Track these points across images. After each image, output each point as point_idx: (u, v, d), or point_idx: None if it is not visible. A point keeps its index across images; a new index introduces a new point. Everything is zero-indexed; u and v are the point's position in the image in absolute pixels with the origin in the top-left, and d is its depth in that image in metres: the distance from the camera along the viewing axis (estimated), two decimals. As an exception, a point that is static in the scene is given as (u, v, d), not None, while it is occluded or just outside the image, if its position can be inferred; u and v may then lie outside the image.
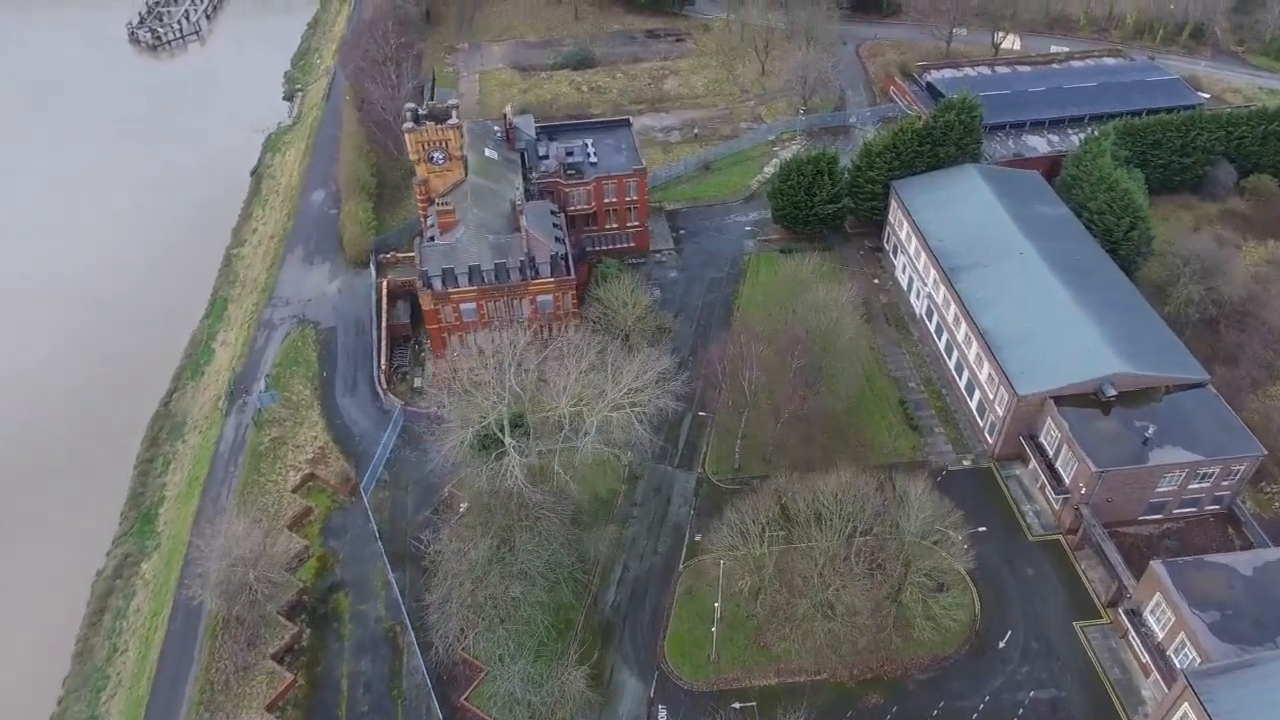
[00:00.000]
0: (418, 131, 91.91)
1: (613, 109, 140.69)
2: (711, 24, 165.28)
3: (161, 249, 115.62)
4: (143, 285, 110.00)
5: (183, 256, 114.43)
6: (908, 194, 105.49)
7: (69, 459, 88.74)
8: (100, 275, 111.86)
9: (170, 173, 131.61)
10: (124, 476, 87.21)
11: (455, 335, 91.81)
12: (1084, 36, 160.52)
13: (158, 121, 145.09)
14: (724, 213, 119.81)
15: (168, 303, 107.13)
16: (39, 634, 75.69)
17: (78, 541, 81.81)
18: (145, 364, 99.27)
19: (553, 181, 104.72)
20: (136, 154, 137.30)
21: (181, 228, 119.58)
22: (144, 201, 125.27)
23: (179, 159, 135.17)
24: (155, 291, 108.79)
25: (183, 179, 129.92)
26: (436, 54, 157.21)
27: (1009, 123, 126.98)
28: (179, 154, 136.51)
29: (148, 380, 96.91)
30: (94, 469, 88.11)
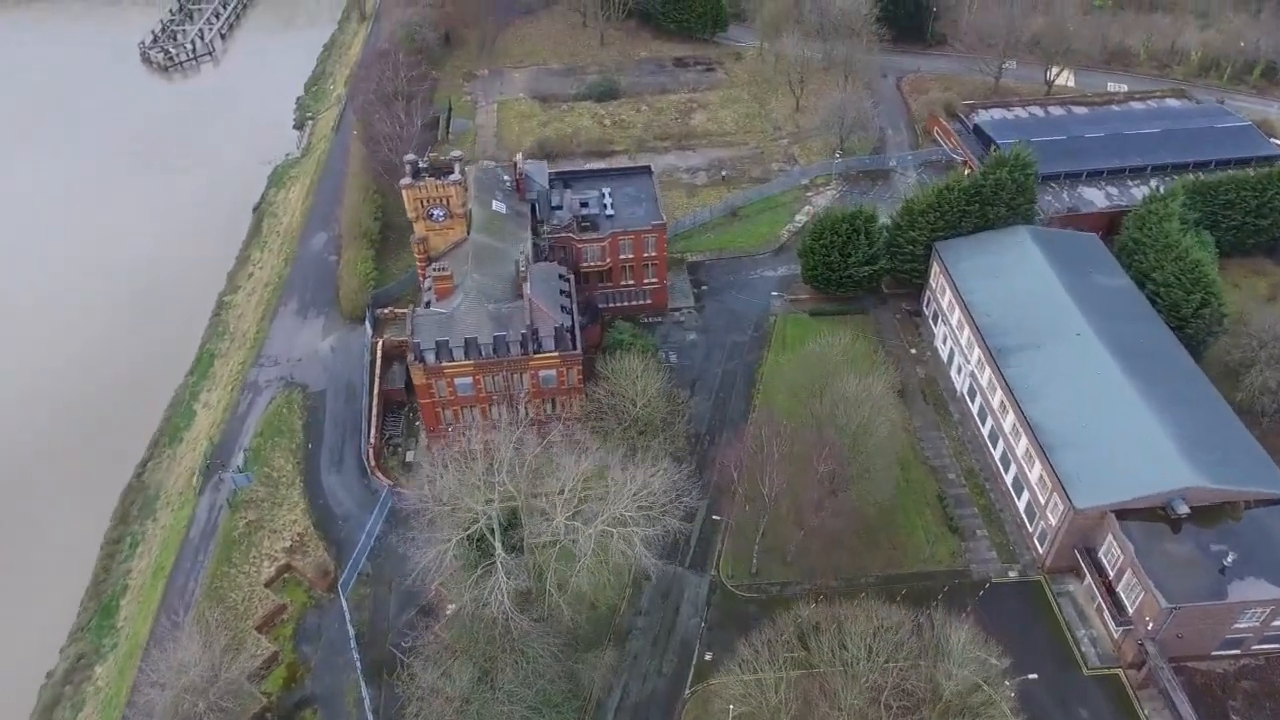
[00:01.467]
0: (416, 188, 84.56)
1: (636, 145, 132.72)
2: (744, 52, 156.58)
3: (153, 289, 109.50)
4: (129, 330, 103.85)
5: (174, 299, 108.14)
6: (952, 258, 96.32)
7: (34, 531, 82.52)
8: (84, 317, 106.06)
9: (171, 203, 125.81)
10: (90, 555, 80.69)
11: (450, 410, 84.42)
12: (1144, 73, 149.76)
13: (163, 147, 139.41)
14: (750, 266, 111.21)
15: (153, 352, 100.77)
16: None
17: (34, 630, 75.39)
18: (124, 422, 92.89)
19: (565, 237, 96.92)
20: (137, 182, 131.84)
21: (176, 266, 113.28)
22: (140, 235, 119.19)
23: (181, 189, 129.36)
24: (141, 339, 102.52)
25: (183, 211, 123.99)
26: (455, 80, 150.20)
27: (1064, 173, 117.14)
28: (181, 184, 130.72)
29: (124, 443, 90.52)
30: (60, 545, 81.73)
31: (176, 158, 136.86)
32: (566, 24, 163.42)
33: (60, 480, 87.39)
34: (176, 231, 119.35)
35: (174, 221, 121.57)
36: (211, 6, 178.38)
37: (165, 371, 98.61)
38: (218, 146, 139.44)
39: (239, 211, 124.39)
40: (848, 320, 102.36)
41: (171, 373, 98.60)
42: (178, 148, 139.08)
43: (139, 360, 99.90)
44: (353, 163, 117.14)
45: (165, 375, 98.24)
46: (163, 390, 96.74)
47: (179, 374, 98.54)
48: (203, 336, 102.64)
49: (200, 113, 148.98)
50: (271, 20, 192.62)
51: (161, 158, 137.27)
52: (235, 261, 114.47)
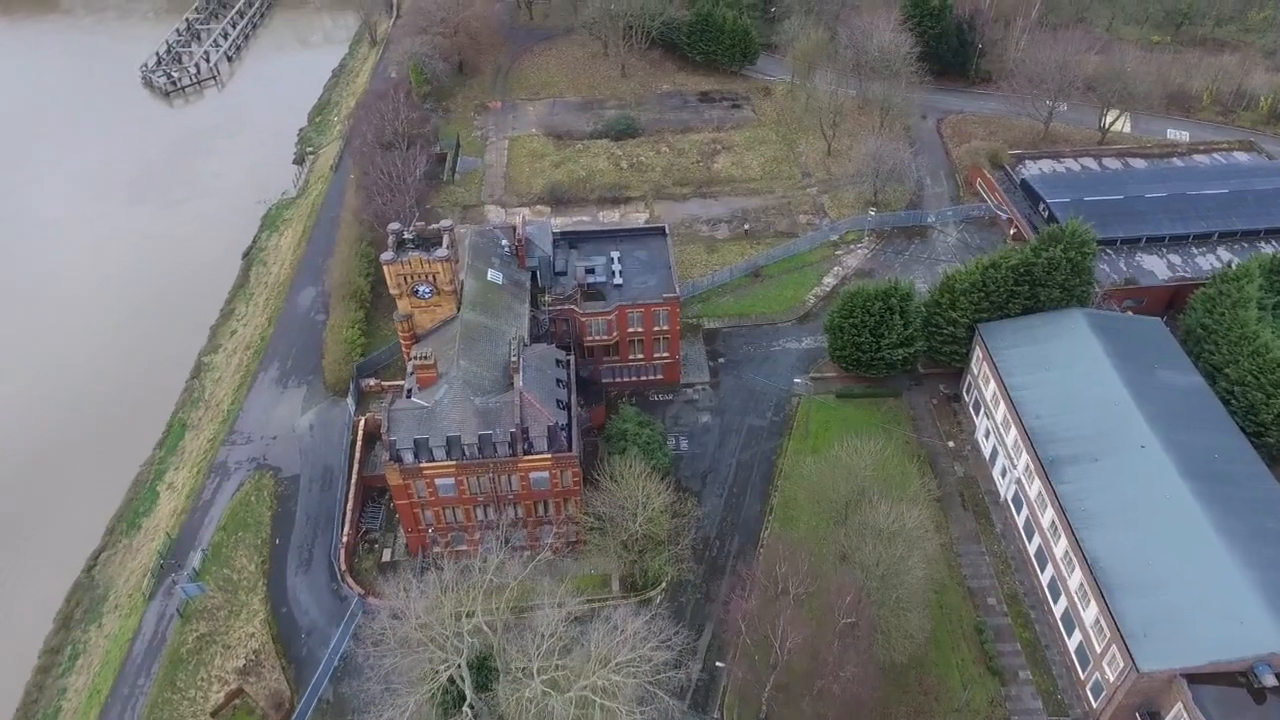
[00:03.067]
0: (399, 263, 76.07)
1: (654, 191, 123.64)
2: (774, 87, 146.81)
3: (129, 343, 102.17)
4: (98, 390, 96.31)
5: (150, 356, 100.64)
6: (997, 344, 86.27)
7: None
8: (55, 372, 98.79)
9: (158, 244, 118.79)
10: (26, 667, 72.95)
11: (430, 511, 75.86)
12: (1206, 119, 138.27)
13: (156, 180, 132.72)
14: (772, 336, 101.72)
15: (123, 419, 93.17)
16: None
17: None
18: (84, 500, 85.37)
19: (567, 309, 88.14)
20: (125, 217, 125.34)
21: (156, 317, 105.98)
22: (122, 280, 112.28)
23: (171, 227, 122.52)
24: (111, 401, 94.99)
25: (170, 252, 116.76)
26: (465, 112, 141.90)
27: (1120, 238, 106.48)
28: (172, 221, 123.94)
29: (81, 525, 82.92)
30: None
31: (169, 192, 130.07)
32: (586, 53, 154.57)
33: (7, 566, 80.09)
34: (161, 277, 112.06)
35: (159, 265, 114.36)
36: (220, 26, 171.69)
37: (133, 441, 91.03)
38: (213, 181, 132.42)
39: (228, 256, 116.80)
40: (878, 404, 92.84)
41: (140, 443, 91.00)
42: (171, 181, 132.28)
43: (106, 426, 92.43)
44: (346, 213, 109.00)
45: (133, 446, 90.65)
46: (128, 464, 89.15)
47: (147, 445, 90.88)
48: (176, 402, 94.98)
49: (199, 142, 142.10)
50: (285, 39, 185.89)
51: (154, 191, 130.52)
52: (219, 315, 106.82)
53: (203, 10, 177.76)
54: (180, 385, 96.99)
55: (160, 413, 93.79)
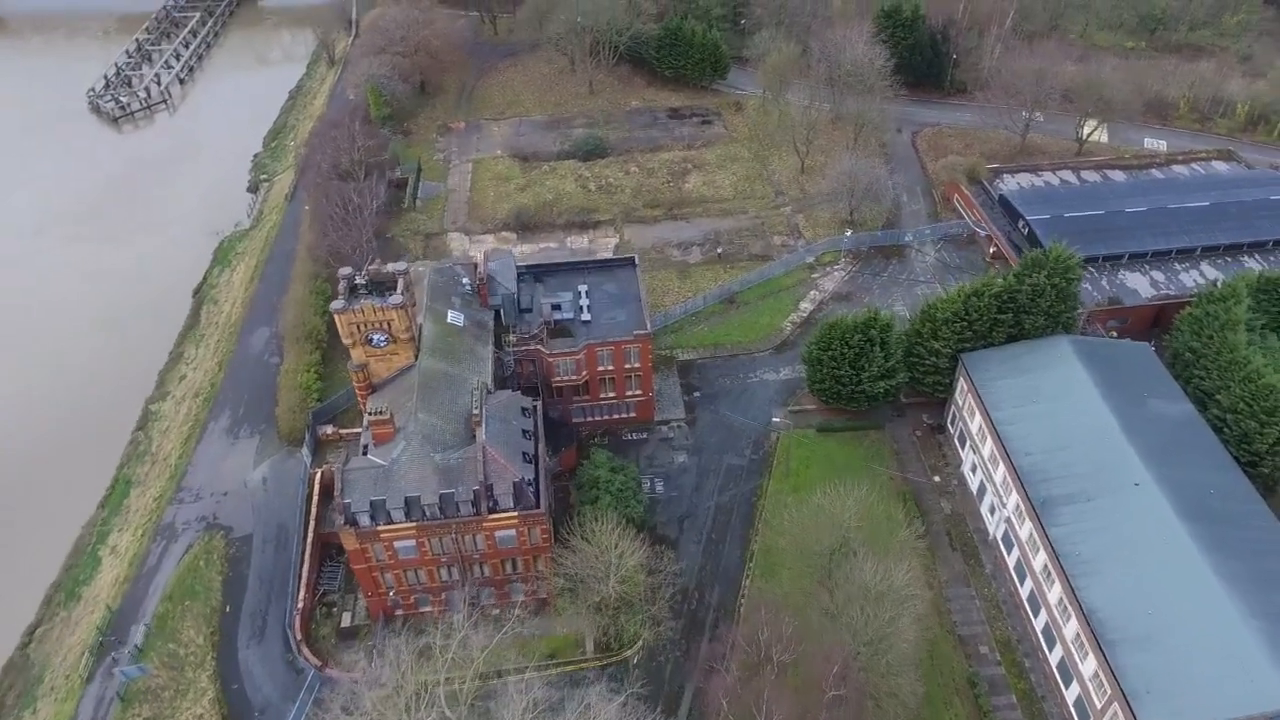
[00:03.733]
0: (351, 312, 71.52)
1: (624, 214, 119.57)
2: (745, 101, 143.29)
3: (73, 391, 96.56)
4: (37, 442, 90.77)
5: (95, 404, 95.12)
6: (982, 376, 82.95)
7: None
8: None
9: (105, 281, 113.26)
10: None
11: (391, 574, 71.35)
12: (1184, 127, 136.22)
13: (104, 211, 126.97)
14: (749, 366, 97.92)
15: (64, 474, 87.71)
16: None
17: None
18: (19, 567, 79.91)
19: (533, 350, 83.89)
20: (69, 253, 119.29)
21: (102, 361, 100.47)
22: (65, 319, 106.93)
23: (118, 262, 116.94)
24: (52, 456, 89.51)
25: (117, 290, 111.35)
26: (427, 134, 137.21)
27: (1102, 255, 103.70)
28: (119, 255, 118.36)
29: (13, 598, 77.50)
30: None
31: (116, 224, 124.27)
32: (553, 69, 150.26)
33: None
34: (106, 317, 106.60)
35: (105, 304, 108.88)
36: (171, 46, 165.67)
37: (75, 500, 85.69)
38: (163, 211, 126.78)
39: (178, 293, 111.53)
40: (860, 438, 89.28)
41: (82, 502, 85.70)
42: (119, 213, 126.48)
43: (46, 483, 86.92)
44: (301, 246, 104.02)
45: (74, 505, 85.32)
46: (69, 525, 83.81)
47: (90, 503, 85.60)
48: (122, 456, 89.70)
49: (149, 170, 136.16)
50: (241, 57, 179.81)
51: (100, 224, 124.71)
52: (168, 358, 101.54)
53: (153, 30, 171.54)
54: (125, 437, 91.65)
55: (104, 467, 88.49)
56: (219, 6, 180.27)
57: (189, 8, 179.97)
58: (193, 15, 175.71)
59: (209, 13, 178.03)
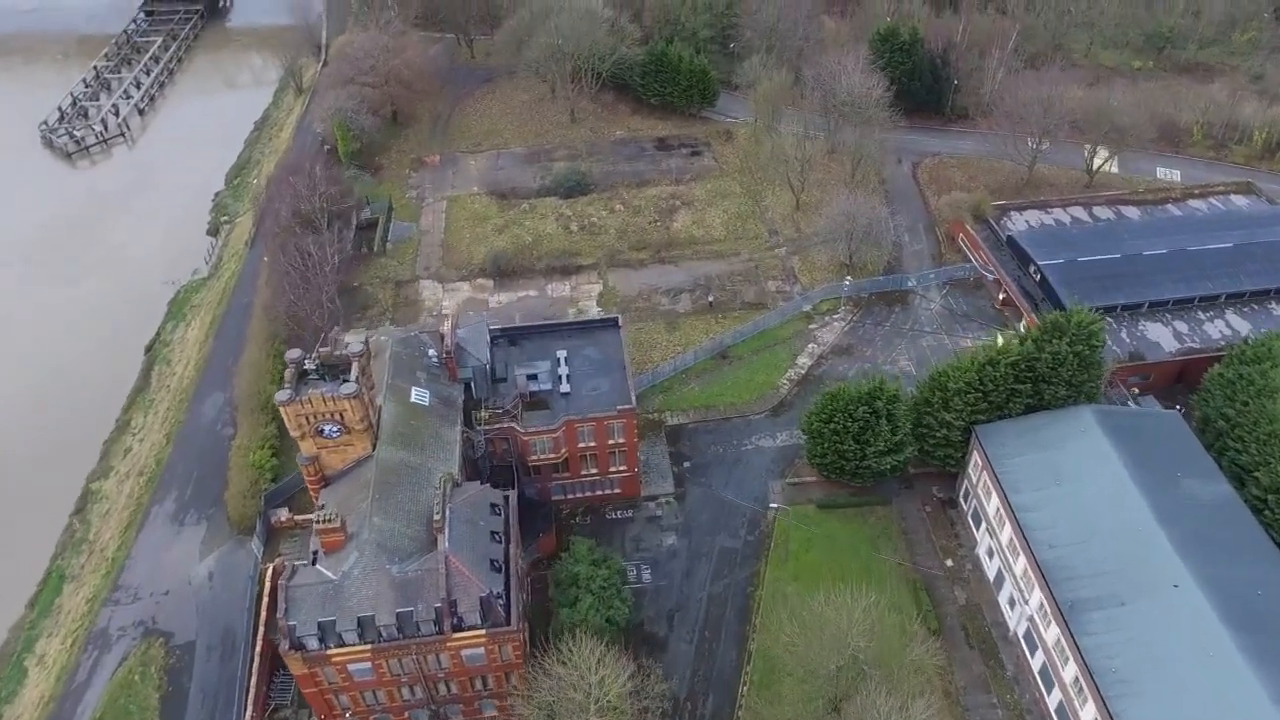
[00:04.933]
0: (299, 403, 63.89)
1: (608, 257, 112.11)
2: (736, 130, 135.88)
3: (6, 463, 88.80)
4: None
5: (33, 481, 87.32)
6: (998, 450, 75.79)
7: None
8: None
9: (49, 332, 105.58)
10: None
11: (346, 695, 63.79)
12: (1197, 155, 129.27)
13: (52, 256, 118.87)
14: (743, 431, 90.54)
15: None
16: None
17: None
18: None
19: (507, 428, 76.41)
20: (12, 303, 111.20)
21: (42, 431, 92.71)
22: (4, 379, 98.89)
23: (66, 310, 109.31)
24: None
25: (63, 344, 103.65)
26: (400, 169, 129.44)
27: (1121, 305, 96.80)
28: (67, 304, 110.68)
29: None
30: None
31: (65, 271, 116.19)
32: (532, 96, 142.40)
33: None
34: (50, 376, 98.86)
35: (49, 361, 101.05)
36: (131, 74, 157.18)
37: (2, 596, 77.84)
38: (117, 255, 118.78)
39: (129, 349, 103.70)
40: (864, 515, 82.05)
41: (10, 599, 77.87)
42: (68, 258, 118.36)
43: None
44: (260, 301, 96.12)
45: (1, 603, 77.49)
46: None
47: (18, 601, 77.79)
48: (57, 545, 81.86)
49: (103, 210, 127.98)
50: (209, 81, 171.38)
51: (48, 270, 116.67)
52: (115, 425, 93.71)
53: (113, 56, 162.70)
54: (62, 521, 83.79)
55: (37, 558, 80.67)
56: (183, 29, 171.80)
57: (151, 32, 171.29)
58: (155, 40, 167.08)
59: (173, 36, 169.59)
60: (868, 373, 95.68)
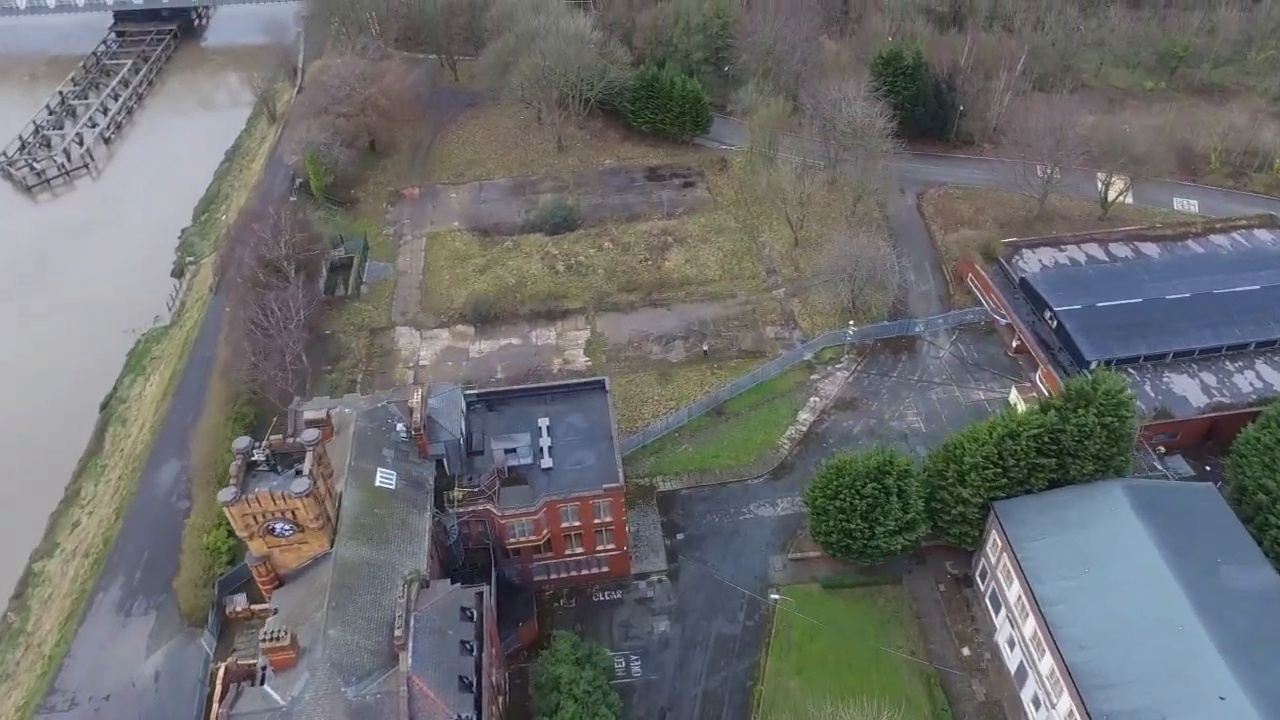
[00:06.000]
0: (245, 502, 57.25)
1: (596, 300, 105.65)
2: (731, 158, 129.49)
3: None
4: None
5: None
6: (1019, 531, 69.39)
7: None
8: None
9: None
10: None
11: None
12: (1215, 183, 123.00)
13: (2, 305, 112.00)
14: (741, 498, 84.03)
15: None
16: None
17: None
18: None
19: (482, 510, 69.88)
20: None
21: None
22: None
23: (17, 362, 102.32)
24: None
25: (11, 401, 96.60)
26: (377, 202, 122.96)
27: (1144, 355, 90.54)
28: (18, 356, 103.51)
29: None
30: None
31: (19, 319, 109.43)
32: (517, 123, 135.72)
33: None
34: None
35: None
36: (98, 99, 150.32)
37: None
38: (75, 301, 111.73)
39: (84, 406, 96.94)
40: (873, 596, 75.55)
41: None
42: (21, 306, 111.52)
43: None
44: (222, 355, 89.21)
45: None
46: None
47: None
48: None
49: (63, 247, 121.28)
50: (183, 102, 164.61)
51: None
52: (63, 495, 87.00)
53: (80, 81, 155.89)
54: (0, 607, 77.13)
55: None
56: (155, 51, 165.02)
57: (122, 54, 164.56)
58: (125, 62, 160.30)
59: (143, 58, 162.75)
60: (874, 429, 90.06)
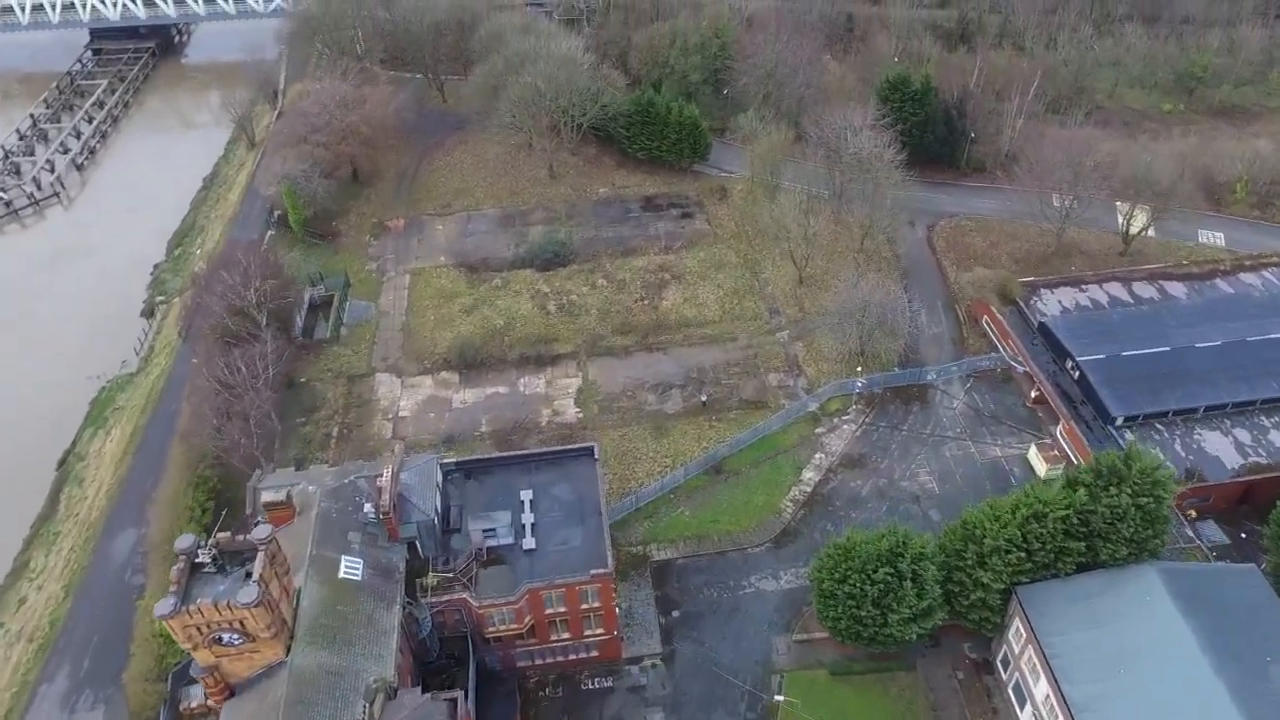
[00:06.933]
0: (185, 613, 51.26)
1: (588, 344, 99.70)
2: (731, 186, 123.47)
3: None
4: None
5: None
6: (1046, 623, 63.31)
7: None
8: None
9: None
10: None
11: None
12: (1239, 214, 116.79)
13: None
14: (741, 569, 77.98)
15: None
16: None
17: None
18: None
19: (458, 599, 63.90)
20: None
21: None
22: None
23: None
24: None
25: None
26: (360, 235, 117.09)
27: (1173, 410, 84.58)
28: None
29: None
30: None
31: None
32: (507, 148, 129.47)
33: None
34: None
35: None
36: (71, 122, 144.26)
37: None
38: (40, 342, 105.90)
39: (44, 461, 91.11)
40: (885, 684, 69.62)
41: None
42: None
43: None
44: (182, 422, 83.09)
45: None
46: None
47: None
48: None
49: (28, 286, 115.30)
50: (162, 121, 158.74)
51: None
52: (10, 566, 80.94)
53: (53, 102, 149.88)
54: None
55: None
56: (132, 70, 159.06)
57: (98, 73, 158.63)
58: (100, 82, 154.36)
59: (120, 78, 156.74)
60: (883, 490, 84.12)
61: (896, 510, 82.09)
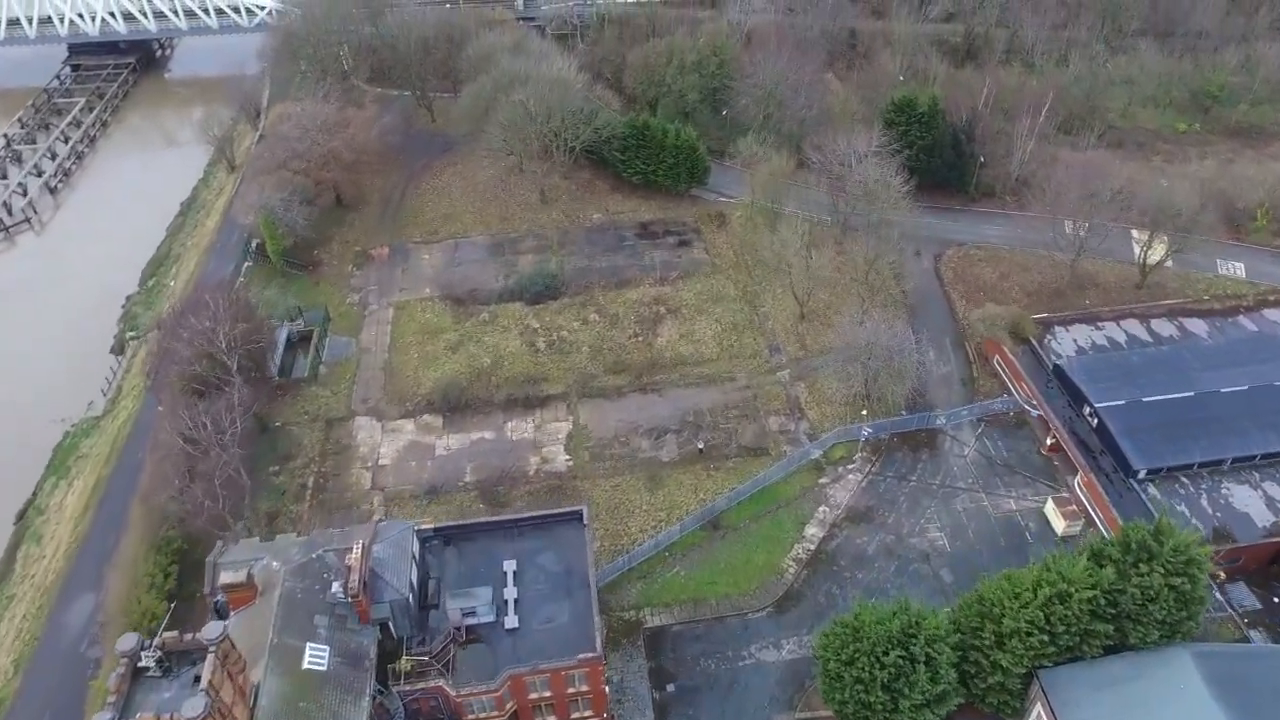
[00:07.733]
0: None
1: (579, 384, 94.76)
2: (729, 211, 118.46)
3: None
4: None
5: None
6: (1071, 710, 58.47)
7: None
8: None
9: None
10: None
11: None
12: (1260, 243, 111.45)
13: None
14: (741, 637, 72.98)
15: None
16: None
17: None
18: None
19: (434, 689, 58.97)
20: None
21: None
22: None
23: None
24: None
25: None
26: (342, 264, 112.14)
27: (1198, 463, 79.63)
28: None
29: None
30: None
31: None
32: (497, 171, 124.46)
33: None
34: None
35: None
36: (46, 142, 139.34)
37: None
38: (3, 377, 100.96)
39: (2, 513, 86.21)
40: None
41: None
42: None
43: None
44: (144, 481, 77.96)
45: None
46: None
47: None
48: None
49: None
50: (144, 137, 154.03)
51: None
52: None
53: (28, 121, 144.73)
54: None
55: None
56: (111, 87, 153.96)
57: (76, 90, 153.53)
58: (77, 100, 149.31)
59: (98, 95, 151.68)
60: (891, 548, 79.19)
61: (905, 570, 77.22)
